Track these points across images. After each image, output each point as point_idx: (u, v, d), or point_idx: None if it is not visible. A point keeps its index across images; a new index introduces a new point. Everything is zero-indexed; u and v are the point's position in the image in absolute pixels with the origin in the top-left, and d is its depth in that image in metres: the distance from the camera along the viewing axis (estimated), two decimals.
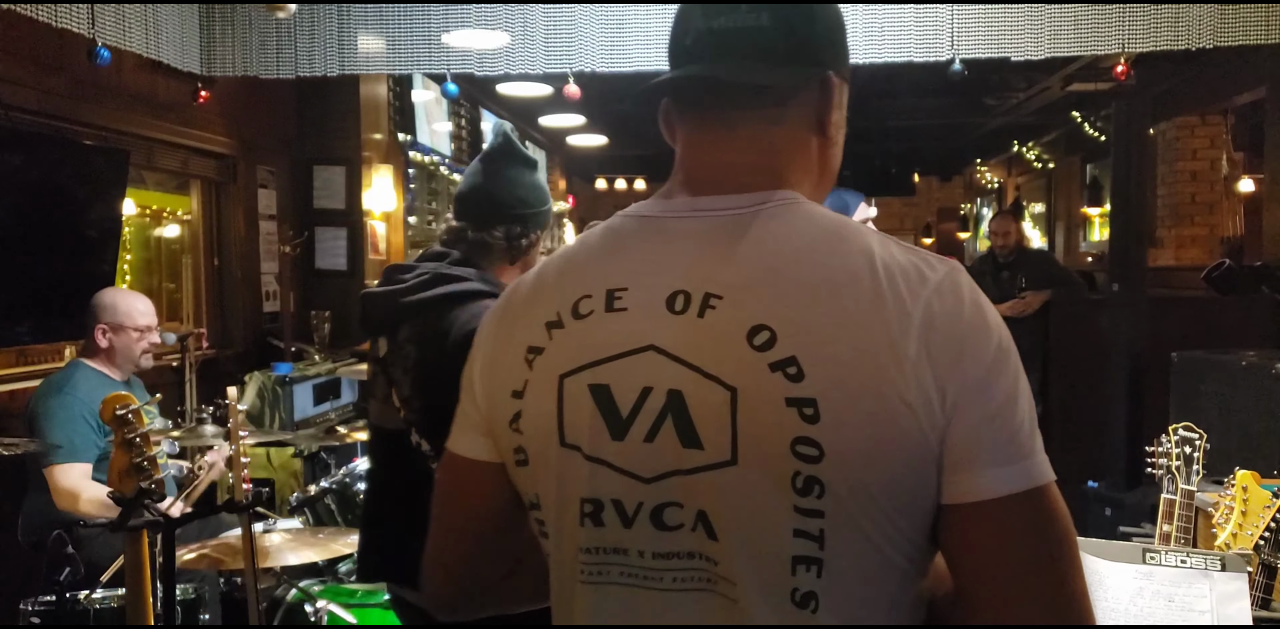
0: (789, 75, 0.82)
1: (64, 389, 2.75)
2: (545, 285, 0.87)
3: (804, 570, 0.74)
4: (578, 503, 0.80)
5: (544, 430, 0.82)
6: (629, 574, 0.79)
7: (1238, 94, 5.46)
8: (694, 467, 0.76)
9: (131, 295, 2.99)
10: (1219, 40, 3.27)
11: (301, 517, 2.96)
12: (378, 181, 5.25)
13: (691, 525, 0.77)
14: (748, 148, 0.84)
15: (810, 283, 0.76)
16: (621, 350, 0.79)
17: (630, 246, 0.84)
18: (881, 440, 0.72)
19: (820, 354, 0.73)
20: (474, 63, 3.52)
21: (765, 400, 0.73)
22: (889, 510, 0.74)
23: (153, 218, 4.38)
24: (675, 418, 0.76)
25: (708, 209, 0.83)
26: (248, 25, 3.52)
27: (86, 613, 2.29)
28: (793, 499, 0.73)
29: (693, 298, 0.78)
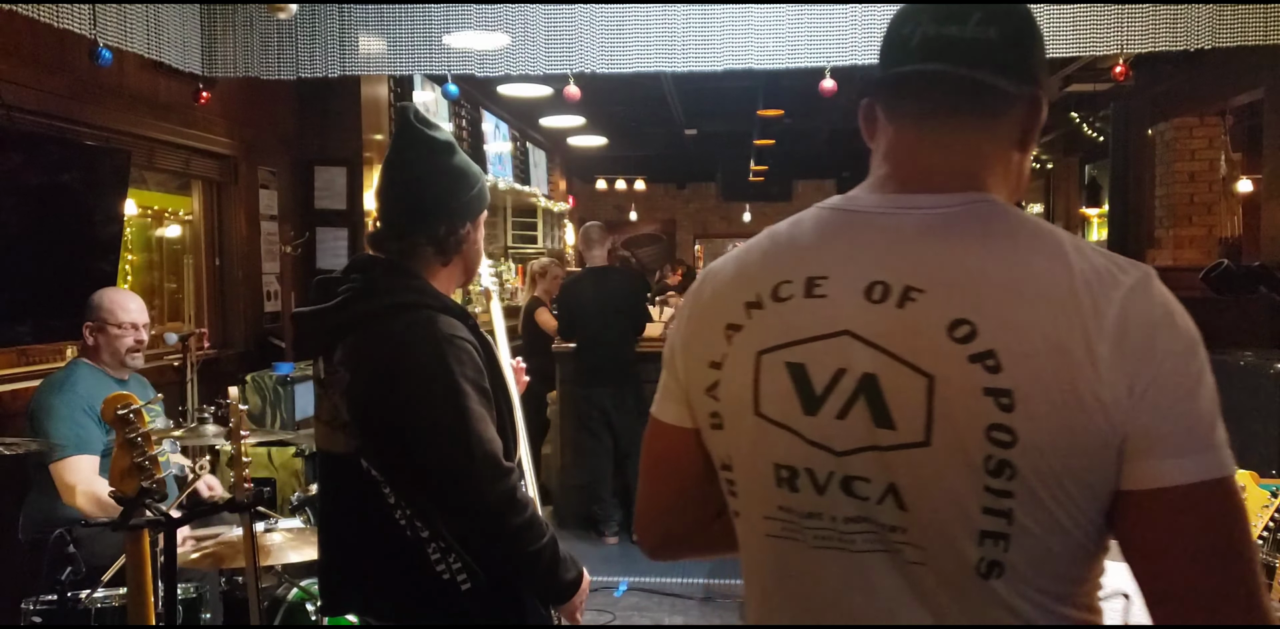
0: (1014, 85, 0.87)
1: (63, 387, 2.76)
2: (748, 268, 0.94)
3: (991, 543, 0.81)
4: (772, 468, 0.89)
5: (740, 399, 0.90)
6: (821, 536, 0.87)
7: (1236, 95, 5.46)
8: (885, 445, 0.83)
9: (120, 293, 2.97)
10: (1217, 41, 3.28)
11: (302, 516, 2.96)
12: None
13: (879, 498, 0.84)
14: (958, 152, 0.90)
15: (1011, 282, 0.81)
16: (818, 333, 0.86)
17: (832, 237, 0.90)
18: (1071, 430, 0.77)
19: (1018, 349, 0.78)
20: (474, 64, 3.53)
21: (963, 389, 0.79)
22: (1073, 493, 0.79)
23: (154, 218, 4.38)
24: (869, 399, 0.83)
25: (911, 206, 0.88)
26: (249, 26, 3.53)
27: (88, 612, 2.29)
28: (984, 480, 0.79)
29: (892, 289, 0.84)
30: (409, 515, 1.57)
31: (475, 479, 1.53)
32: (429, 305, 1.59)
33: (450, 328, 1.57)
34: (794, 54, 3.40)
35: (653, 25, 3.43)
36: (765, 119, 8.23)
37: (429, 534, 1.57)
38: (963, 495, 0.80)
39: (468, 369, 1.55)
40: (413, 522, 1.57)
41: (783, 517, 0.89)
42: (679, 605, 4.04)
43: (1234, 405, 3.20)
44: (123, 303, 2.90)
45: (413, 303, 1.58)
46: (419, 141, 1.66)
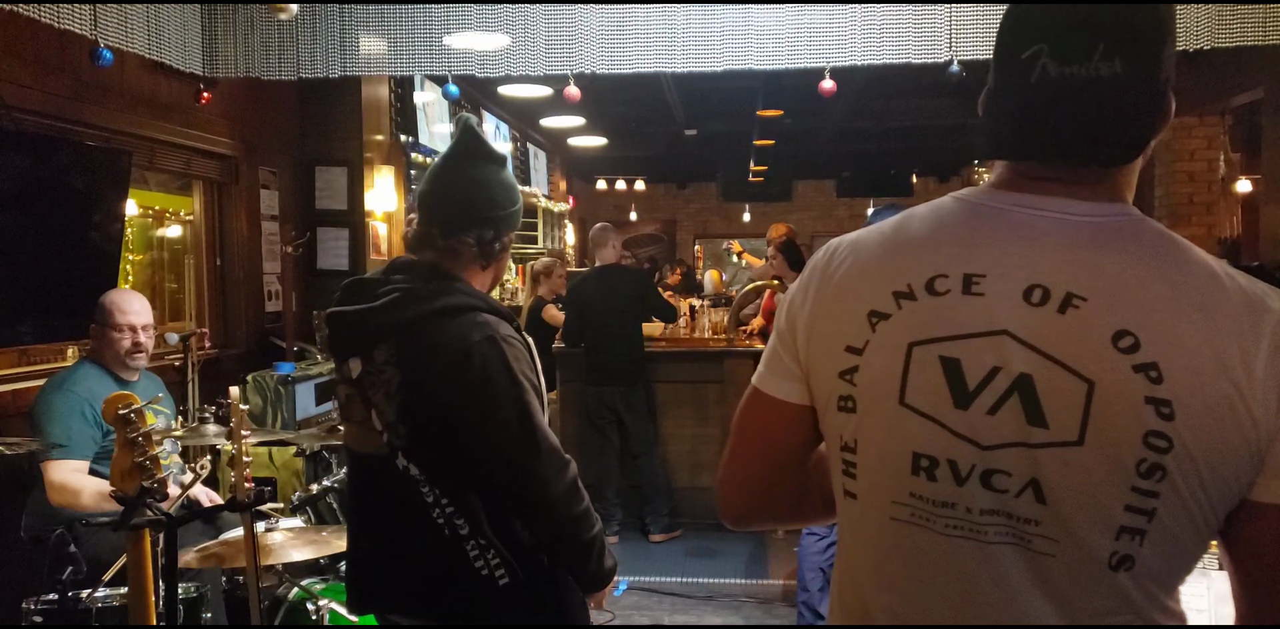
0: (1149, 121, 0.89)
1: (64, 386, 2.77)
2: (892, 255, 0.95)
3: (1128, 539, 0.85)
4: (909, 456, 0.91)
5: (882, 387, 0.92)
6: (952, 525, 0.90)
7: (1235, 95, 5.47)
8: (1034, 442, 0.86)
9: (122, 295, 2.98)
10: (1216, 41, 3.29)
11: (303, 515, 2.97)
12: (379, 182, 5.26)
13: (1017, 491, 0.87)
14: (1097, 172, 0.92)
15: (1172, 297, 0.85)
16: (975, 331, 0.88)
17: (982, 232, 0.92)
18: (1225, 441, 0.83)
19: (1181, 363, 0.83)
20: (475, 64, 3.53)
21: (1124, 396, 0.83)
22: (1213, 497, 0.85)
23: (155, 218, 4.39)
24: (1022, 397, 0.86)
25: (1063, 210, 0.90)
26: (250, 26, 3.54)
27: (89, 612, 2.29)
28: (1133, 481, 0.84)
29: (1052, 294, 0.87)
30: (448, 514, 1.60)
31: (541, 475, 1.59)
32: (478, 307, 1.63)
33: (501, 327, 1.62)
34: (794, 54, 3.40)
35: (653, 25, 3.44)
36: (765, 119, 8.24)
37: (468, 531, 1.60)
38: (1108, 493, 0.84)
39: (524, 366, 1.61)
40: (452, 520, 1.60)
41: (913, 503, 0.92)
42: (679, 605, 4.04)
43: None
44: (122, 305, 2.90)
45: (465, 305, 1.62)
46: (479, 149, 1.73)
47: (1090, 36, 0.86)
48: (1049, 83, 0.87)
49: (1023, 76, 0.89)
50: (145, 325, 2.92)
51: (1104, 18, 0.86)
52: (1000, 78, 0.92)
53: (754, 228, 12.59)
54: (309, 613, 2.49)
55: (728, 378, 5.13)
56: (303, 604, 2.52)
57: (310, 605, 2.49)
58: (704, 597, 4.13)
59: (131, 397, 1.88)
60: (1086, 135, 0.88)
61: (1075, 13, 0.87)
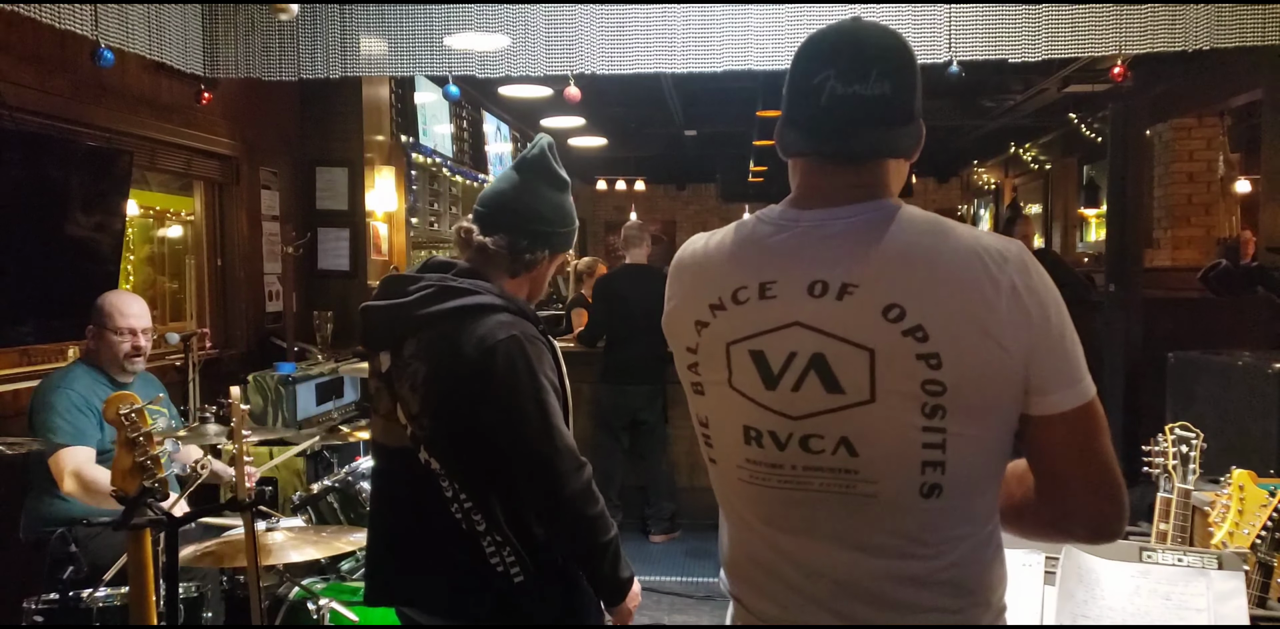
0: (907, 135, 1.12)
1: (60, 385, 2.77)
2: (709, 273, 1.16)
3: (931, 470, 1.05)
4: (741, 428, 1.13)
5: (715, 375, 1.14)
6: (784, 480, 1.11)
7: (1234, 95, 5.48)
8: (836, 407, 1.06)
9: (122, 298, 2.97)
10: (1215, 42, 3.29)
11: (304, 515, 2.97)
12: (380, 183, 5.26)
13: (832, 449, 1.07)
14: (866, 174, 1.12)
15: (927, 267, 1.04)
16: (773, 326, 1.09)
17: (773, 246, 1.12)
18: (986, 375, 1.02)
19: (940, 321, 1.02)
20: (475, 65, 3.54)
21: (899, 357, 1.03)
22: (992, 421, 1.05)
23: (156, 218, 4.39)
24: (819, 372, 1.06)
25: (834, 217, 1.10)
26: (250, 27, 3.54)
27: (89, 611, 2.29)
28: (921, 422, 1.03)
29: (830, 286, 1.06)
30: (466, 509, 1.62)
31: (558, 470, 1.62)
32: (506, 307, 1.66)
33: (528, 328, 1.66)
34: None
35: (653, 26, 3.44)
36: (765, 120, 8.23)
37: (485, 527, 1.62)
38: (906, 436, 1.04)
39: (546, 367, 1.65)
40: (470, 515, 1.62)
41: (750, 467, 1.13)
42: (679, 604, 4.05)
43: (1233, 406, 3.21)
44: (122, 308, 2.89)
45: (492, 304, 1.66)
46: (545, 167, 1.79)
47: (866, 64, 1.08)
48: (836, 98, 1.08)
49: (815, 96, 1.09)
50: (145, 329, 2.92)
51: (873, 51, 1.10)
52: (794, 100, 1.13)
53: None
54: (309, 612, 2.49)
55: None
56: (303, 604, 2.53)
57: (311, 605, 2.50)
58: (704, 597, 4.13)
59: (132, 397, 1.88)
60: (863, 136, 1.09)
61: (854, 46, 1.10)
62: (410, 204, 5.77)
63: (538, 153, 1.80)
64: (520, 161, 1.80)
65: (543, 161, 1.79)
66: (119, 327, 2.86)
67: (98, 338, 2.88)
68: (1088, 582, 1.60)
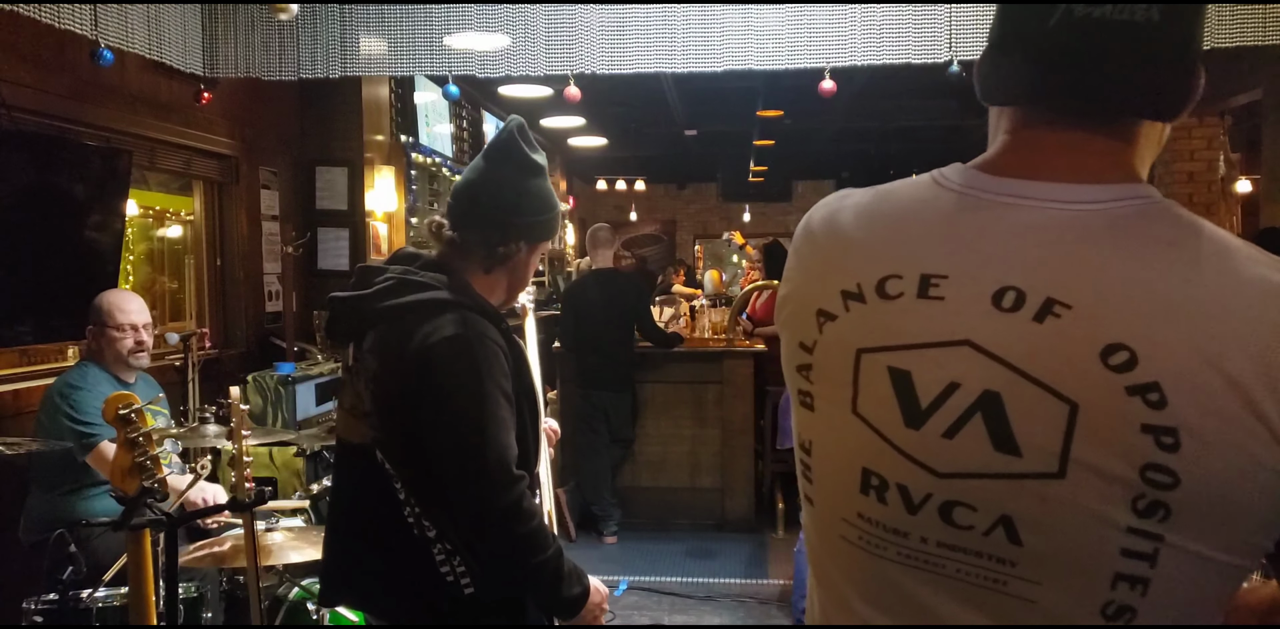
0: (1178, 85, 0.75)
1: (81, 385, 2.78)
2: (851, 246, 0.82)
3: (1126, 587, 0.72)
4: (859, 471, 0.79)
5: (836, 393, 0.81)
6: (907, 555, 0.78)
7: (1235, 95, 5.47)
8: (1004, 472, 0.73)
9: (119, 295, 2.98)
10: (1216, 42, 3.28)
11: (303, 515, 2.97)
12: (380, 182, 5.26)
13: (986, 529, 0.74)
14: (1110, 134, 0.77)
15: (1180, 302, 0.70)
16: (931, 340, 0.75)
17: (950, 226, 0.78)
18: (1245, 474, 0.69)
19: (1185, 382, 0.68)
20: (475, 65, 3.53)
21: (1116, 422, 0.69)
22: (1235, 535, 0.71)
23: (155, 218, 4.39)
24: (988, 419, 0.73)
25: (1054, 198, 0.75)
26: (250, 27, 3.54)
27: (89, 612, 2.29)
28: (1129, 520, 0.70)
29: (1028, 298, 0.72)
30: (417, 513, 1.56)
31: (484, 484, 1.51)
32: (463, 304, 1.58)
33: (481, 328, 1.57)
34: (794, 54, 3.40)
35: (653, 26, 3.44)
36: (765, 120, 8.23)
37: (435, 534, 1.55)
38: (1099, 535, 0.71)
39: (495, 372, 1.54)
40: (420, 520, 1.56)
41: (861, 526, 0.80)
42: (679, 605, 4.04)
43: None
44: (121, 305, 2.90)
45: (447, 300, 1.57)
46: (513, 154, 1.68)
47: None
48: (1073, 23, 0.73)
49: (1040, 21, 0.74)
50: (145, 324, 2.93)
51: None
52: (1009, 26, 0.78)
53: (754, 228, 12.59)
54: (309, 613, 2.49)
55: (727, 378, 5.13)
56: (303, 604, 2.53)
57: (310, 605, 2.50)
58: (704, 597, 4.13)
59: (132, 397, 1.88)
60: (1116, 79, 0.73)
61: None
62: (410, 204, 5.77)
63: (505, 137, 1.68)
64: (488, 148, 1.70)
65: (510, 146, 1.67)
66: (120, 323, 2.87)
67: (99, 337, 2.88)
68: None
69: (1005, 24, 0.78)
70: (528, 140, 1.69)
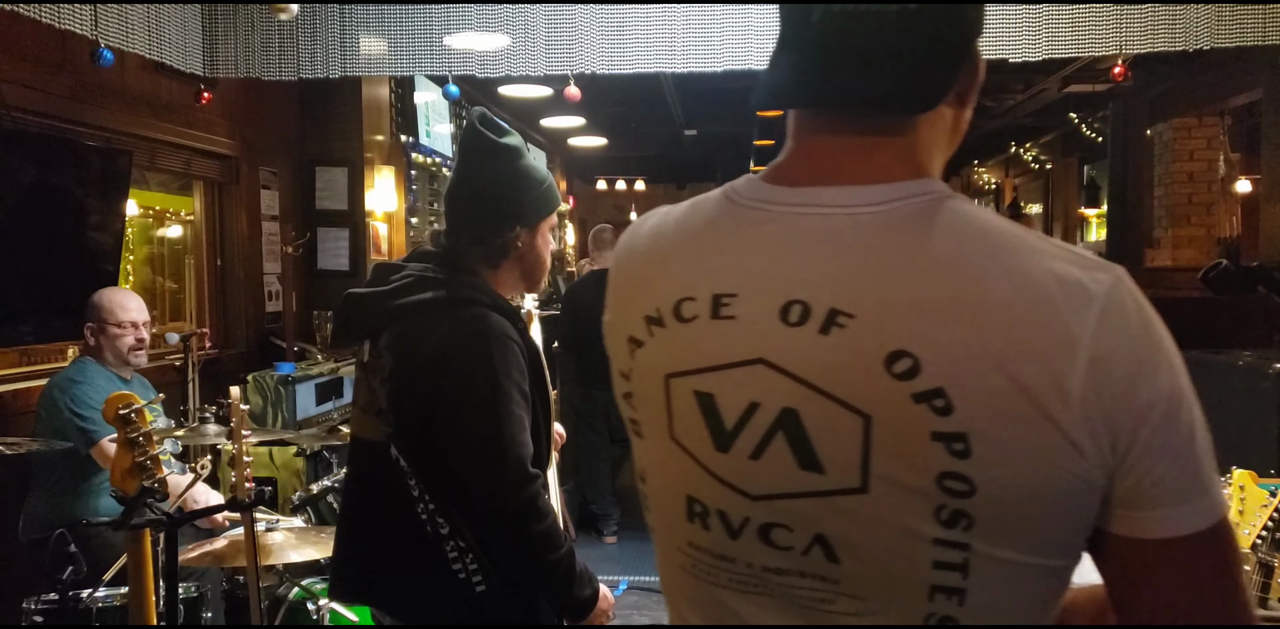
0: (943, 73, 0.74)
1: (81, 381, 2.79)
2: (650, 270, 0.82)
3: (944, 598, 0.71)
4: (684, 499, 0.78)
5: (655, 419, 0.80)
6: (738, 580, 0.77)
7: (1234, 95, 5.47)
8: (811, 490, 0.71)
9: (118, 293, 2.98)
10: (1216, 42, 3.29)
11: (304, 515, 2.97)
12: (380, 182, 5.26)
13: (804, 549, 0.73)
14: (885, 128, 0.74)
15: (964, 302, 0.68)
16: (728, 361, 0.74)
17: (741, 242, 0.76)
18: (1041, 477, 0.67)
19: (970, 386, 0.66)
20: (475, 65, 3.53)
21: (907, 433, 0.68)
22: (1042, 539, 0.70)
23: (155, 218, 4.39)
24: (789, 437, 0.71)
25: (835, 203, 0.73)
26: (250, 27, 3.54)
27: (89, 611, 2.29)
28: (934, 531, 0.69)
29: (813, 311, 0.71)
30: (431, 510, 1.56)
31: (500, 481, 1.52)
32: (480, 301, 1.59)
33: (500, 326, 1.57)
34: None
35: (653, 25, 3.44)
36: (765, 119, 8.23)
37: (449, 531, 1.56)
38: (909, 548, 0.70)
39: (512, 370, 1.55)
40: (434, 517, 1.56)
41: (694, 554, 0.79)
42: None
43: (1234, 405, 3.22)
44: (121, 302, 2.91)
45: (465, 298, 1.58)
46: (480, 144, 1.68)
47: None
48: (832, 17, 0.71)
49: (805, 18, 0.73)
50: (145, 321, 2.95)
51: None
52: (783, 29, 0.76)
53: None
54: (309, 613, 2.49)
55: None
56: (303, 604, 2.53)
57: (310, 605, 2.50)
58: None
59: (132, 396, 1.88)
60: (877, 72, 0.71)
61: None
62: (410, 204, 5.77)
63: (468, 130, 1.69)
64: (459, 149, 1.72)
65: (475, 137, 1.68)
66: (121, 320, 2.87)
67: (99, 335, 2.88)
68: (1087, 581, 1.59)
69: (781, 24, 0.76)
70: (492, 126, 1.69)
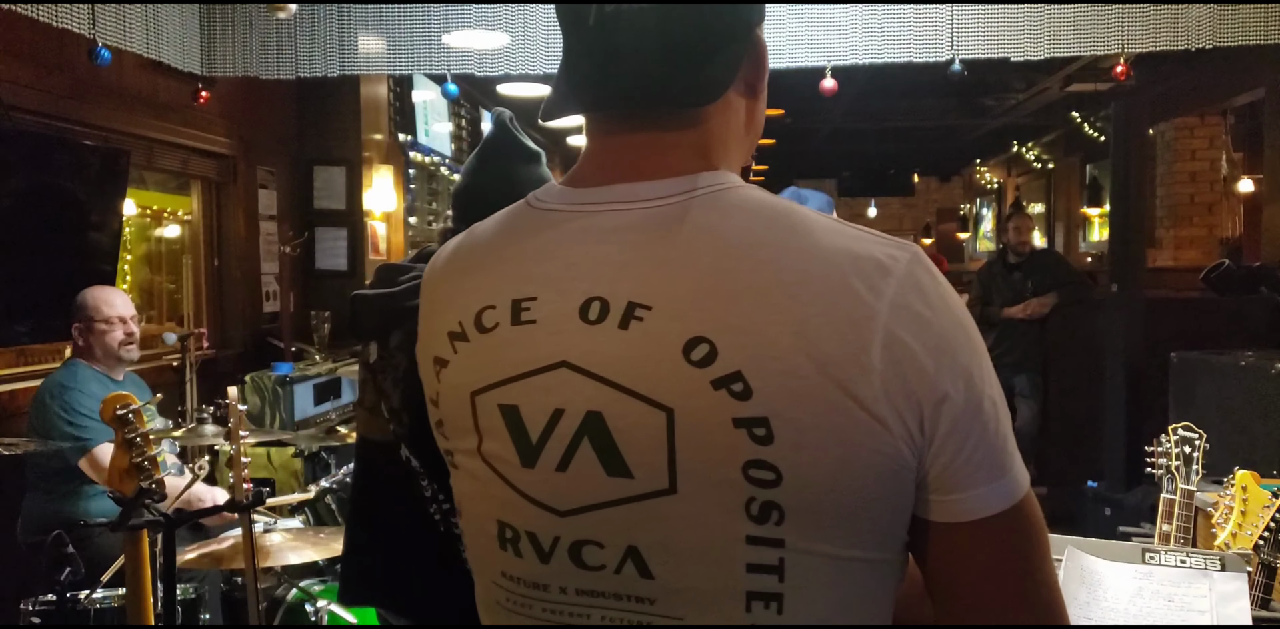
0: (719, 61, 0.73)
1: (72, 385, 2.77)
2: (450, 286, 0.80)
3: (761, 607, 0.68)
4: (495, 525, 0.75)
5: (465, 444, 0.77)
6: (551, 610, 0.73)
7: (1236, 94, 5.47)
8: (620, 498, 0.69)
9: (102, 290, 2.97)
10: (1218, 41, 3.28)
11: (302, 516, 2.96)
12: (378, 182, 5.26)
13: (616, 566, 0.70)
14: (671, 123, 0.74)
15: (754, 285, 0.67)
16: (530, 368, 0.71)
17: (537, 246, 0.75)
18: (848, 459, 0.65)
19: (769, 368, 0.65)
20: (474, 63, 3.52)
21: (708, 422, 0.66)
22: (860, 530, 0.68)
23: (153, 218, 4.38)
24: (594, 443, 0.69)
25: (626, 200, 0.73)
26: (248, 26, 3.53)
27: (87, 613, 2.28)
28: (746, 528, 0.66)
29: (611, 306, 0.69)
30: (444, 510, 1.57)
31: None
32: None
33: None
34: (794, 53, 3.39)
35: None
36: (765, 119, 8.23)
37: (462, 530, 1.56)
38: (721, 551, 0.67)
39: None
40: (448, 517, 1.56)
41: (507, 585, 0.76)
42: None
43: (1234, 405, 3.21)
44: (106, 299, 2.90)
45: None
46: (512, 146, 1.67)
47: None
48: (605, 18, 0.71)
49: (582, 20, 0.72)
50: (132, 316, 2.94)
51: None
52: (565, 38, 0.76)
53: None
54: (307, 614, 2.49)
55: None
56: (301, 605, 2.52)
57: (309, 606, 2.49)
58: None
59: (130, 397, 1.87)
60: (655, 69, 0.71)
61: None
62: (409, 203, 5.76)
63: (499, 130, 1.67)
64: (484, 145, 1.70)
65: (506, 139, 1.67)
66: (108, 317, 2.86)
67: (87, 333, 2.87)
68: (1090, 583, 1.58)
69: (563, 33, 0.76)
70: (519, 129, 1.70)
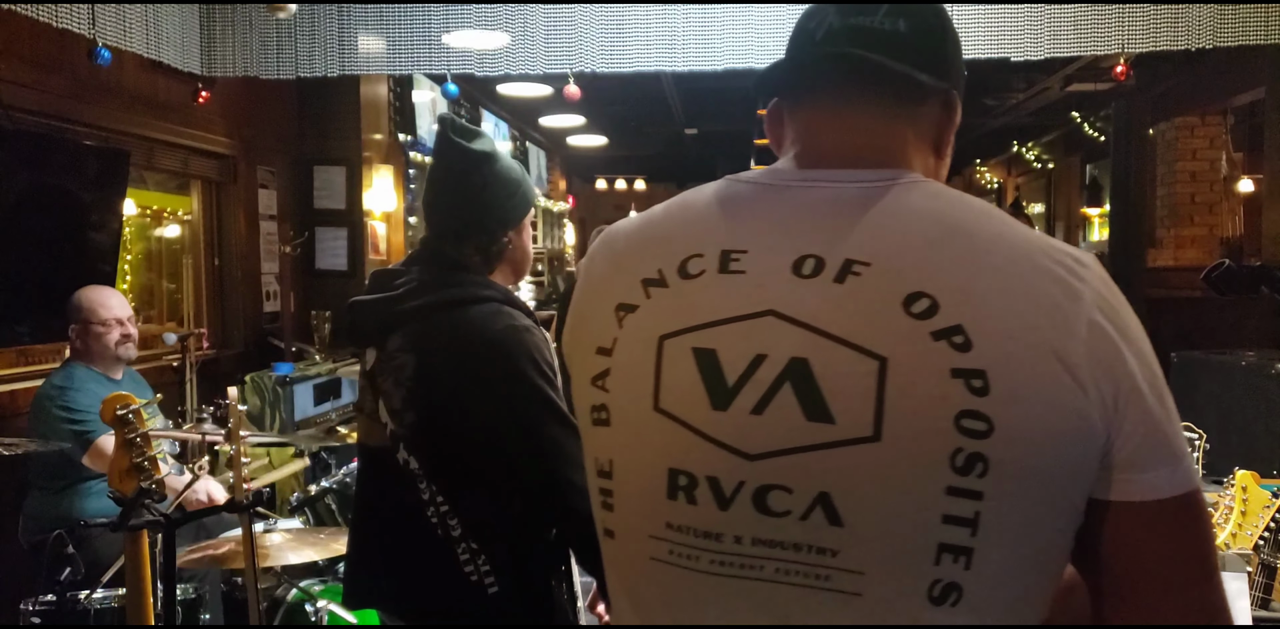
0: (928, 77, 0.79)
1: (69, 387, 2.77)
2: (648, 239, 0.83)
3: (950, 560, 0.68)
4: (666, 474, 0.75)
5: (635, 391, 0.77)
6: (721, 561, 0.73)
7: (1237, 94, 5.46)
8: (818, 443, 0.70)
9: (97, 291, 2.96)
10: (1219, 41, 3.28)
11: (302, 516, 2.96)
12: (378, 182, 5.25)
13: (803, 512, 0.70)
14: (880, 133, 0.81)
15: (968, 253, 0.71)
16: (735, 314, 0.74)
17: (748, 209, 0.80)
18: (1055, 418, 0.68)
19: (990, 325, 0.68)
20: (474, 63, 3.53)
21: (924, 371, 0.68)
22: (1054, 495, 0.70)
23: (153, 218, 4.38)
24: (797, 388, 0.70)
25: (840, 180, 0.78)
26: (248, 26, 3.53)
27: (87, 613, 2.28)
28: (948, 479, 0.67)
29: (827, 263, 0.73)
30: (442, 513, 1.57)
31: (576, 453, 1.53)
32: (495, 298, 1.61)
33: (523, 319, 1.61)
34: None
35: (653, 25, 3.43)
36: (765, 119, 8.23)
37: (460, 533, 1.56)
38: (919, 500, 0.68)
39: (547, 355, 1.58)
40: (445, 519, 1.57)
41: (671, 537, 0.75)
42: None
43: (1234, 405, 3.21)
44: (101, 300, 2.89)
45: (482, 296, 1.60)
46: (453, 155, 1.66)
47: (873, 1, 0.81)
48: (832, 33, 0.80)
49: (809, 39, 0.82)
50: (129, 317, 2.93)
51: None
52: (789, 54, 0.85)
53: None
54: (308, 614, 2.48)
55: None
56: (301, 605, 2.52)
57: (309, 607, 2.49)
58: None
59: (130, 397, 1.87)
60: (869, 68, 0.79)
61: None
62: (409, 203, 5.76)
63: (441, 142, 1.66)
64: (433, 159, 1.70)
65: (449, 150, 1.65)
66: (105, 318, 2.86)
67: (84, 335, 2.86)
68: None
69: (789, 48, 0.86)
70: (463, 133, 1.67)
